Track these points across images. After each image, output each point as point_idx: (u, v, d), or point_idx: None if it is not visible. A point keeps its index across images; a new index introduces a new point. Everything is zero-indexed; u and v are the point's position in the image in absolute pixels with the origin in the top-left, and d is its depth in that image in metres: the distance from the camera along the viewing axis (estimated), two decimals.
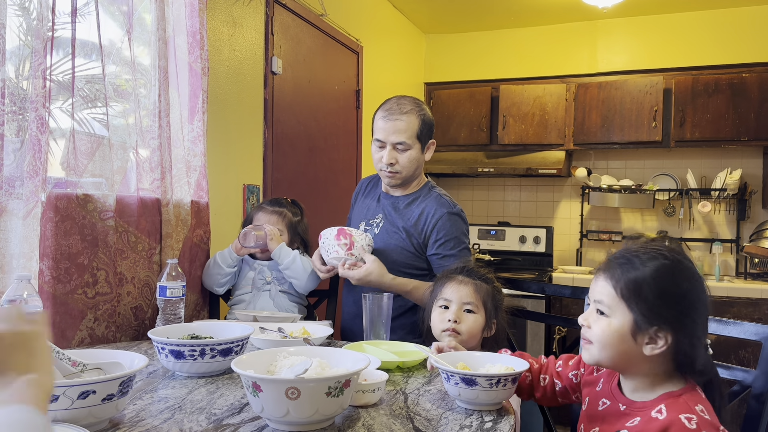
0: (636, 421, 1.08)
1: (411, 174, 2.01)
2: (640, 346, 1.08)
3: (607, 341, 1.10)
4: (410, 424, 1.10)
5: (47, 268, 1.63)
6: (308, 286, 2.12)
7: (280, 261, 2.08)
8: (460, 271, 1.68)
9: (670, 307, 1.07)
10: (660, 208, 4.24)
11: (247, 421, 1.09)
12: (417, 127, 1.95)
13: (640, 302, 1.07)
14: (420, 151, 2.00)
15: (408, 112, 1.95)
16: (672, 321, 1.07)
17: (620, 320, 1.09)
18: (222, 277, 2.11)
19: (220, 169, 2.44)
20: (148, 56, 2.02)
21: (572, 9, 4.00)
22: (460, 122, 4.39)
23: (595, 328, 1.12)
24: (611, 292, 1.10)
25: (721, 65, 3.91)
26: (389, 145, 1.95)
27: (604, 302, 1.11)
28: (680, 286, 1.09)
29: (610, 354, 1.11)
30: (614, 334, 1.09)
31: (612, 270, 1.12)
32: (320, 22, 3.14)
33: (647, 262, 1.09)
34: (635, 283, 1.08)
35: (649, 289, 1.07)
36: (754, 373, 1.33)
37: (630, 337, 1.08)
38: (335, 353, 1.22)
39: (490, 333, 1.64)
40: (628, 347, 1.09)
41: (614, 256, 1.15)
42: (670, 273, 1.09)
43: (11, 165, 1.58)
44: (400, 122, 1.94)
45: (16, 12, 1.65)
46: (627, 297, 1.08)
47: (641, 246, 1.13)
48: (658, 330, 1.07)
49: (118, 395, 1.04)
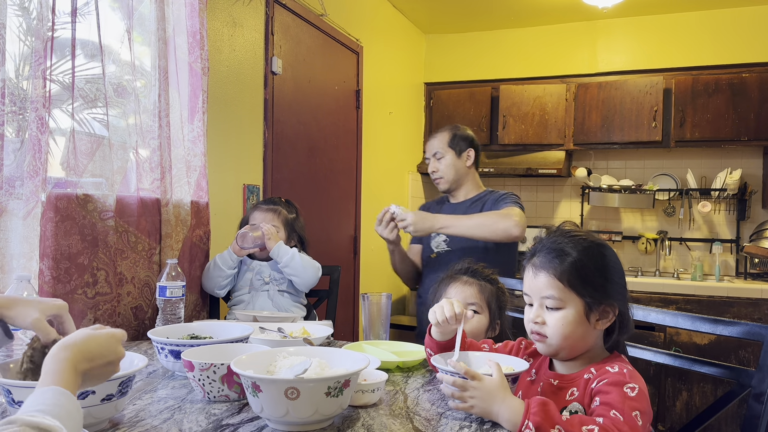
0: (574, 391, 1.16)
1: (453, 177, 2.44)
2: (593, 325, 1.17)
3: (567, 332, 1.16)
4: (410, 424, 1.10)
5: (47, 268, 1.63)
6: (309, 282, 2.12)
7: (279, 259, 2.09)
8: (465, 272, 1.68)
9: (610, 281, 1.17)
10: (660, 208, 4.24)
11: (247, 421, 1.09)
12: (448, 138, 2.44)
13: (587, 286, 1.15)
14: (455, 157, 2.43)
15: (441, 131, 2.49)
16: (614, 293, 1.17)
17: (573, 308, 1.16)
18: (223, 279, 2.11)
19: (220, 169, 2.44)
20: (148, 56, 2.02)
21: (572, 9, 4.00)
22: (460, 122, 4.32)
23: (550, 323, 1.18)
24: (557, 284, 1.16)
25: (721, 65, 3.91)
26: (431, 157, 2.46)
27: (554, 296, 1.17)
28: (609, 260, 1.19)
29: (570, 342, 1.17)
30: (571, 323, 1.16)
31: (549, 264, 1.18)
32: (320, 22, 3.14)
33: (577, 249, 1.17)
34: (578, 271, 1.16)
35: (590, 272, 1.16)
36: (754, 373, 1.33)
37: (585, 320, 1.16)
38: (335, 353, 1.22)
39: (494, 333, 1.65)
40: (584, 329, 1.17)
41: (541, 252, 1.20)
42: (597, 251, 1.18)
43: (11, 165, 1.58)
44: (434, 139, 2.48)
45: (16, 12, 1.65)
46: (574, 285, 1.15)
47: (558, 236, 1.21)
48: (606, 306, 1.17)
49: (117, 395, 1.04)
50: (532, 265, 1.21)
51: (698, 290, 3.57)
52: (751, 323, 1.40)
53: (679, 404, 3.51)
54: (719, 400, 1.42)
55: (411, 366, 1.52)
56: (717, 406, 1.42)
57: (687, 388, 3.51)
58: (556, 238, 1.21)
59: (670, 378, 3.51)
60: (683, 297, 3.58)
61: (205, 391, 1.20)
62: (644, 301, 3.57)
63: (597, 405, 1.07)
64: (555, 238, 1.21)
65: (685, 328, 1.52)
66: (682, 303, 3.56)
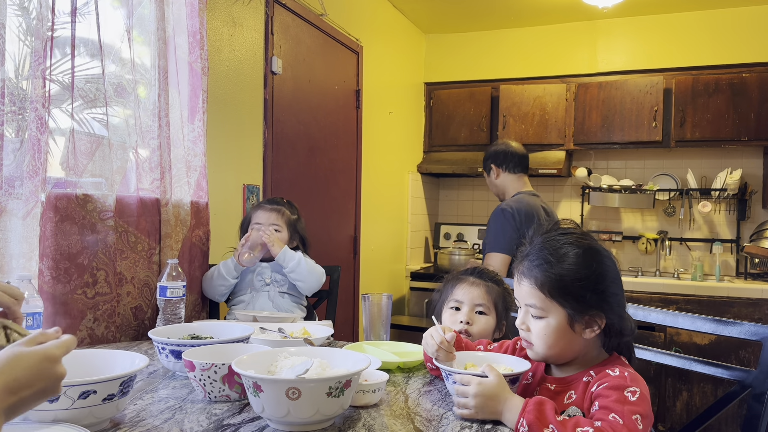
0: (572, 394, 1.15)
1: (498, 193, 2.89)
2: (579, 333, 1.15)
3: (550, 340, 1.16)
4: (411, 425, 1.10)
5: (47, 268, 1.63)
6: (313, 287, 2.13)
7: (285, 264, 2.08)
8: (471, 273, 1.68)
9: (595, 293, 1.13)
10: (660, 208, 4.24)
11: (248, 422, 1.09)
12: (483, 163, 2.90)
13: (569, 297, 1.13)
14: (490, 176, 2.87)
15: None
16: (600, 304, 1.14)
17: (556, 318, 1.15)
18: (225, 288, 2.11)
19: (220, 169, 2.43)
20: (148, 56, 2.02)
21: (572, 9, 4.00)
22: (460, 122, 4.39)
23: (534, 331, 1.17)
24: (539, 294, 1.15)
25: (721, 65, 3.91)
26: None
27: (536, 305, 1.16)
28: (597, 269, 1.14)
29: (556, 350, 1.16)
30: (554, 333, 1.15)
31: (532, 273, 1.16)
32: (320, 22, 3.14)
33: (562, 257, 1.14)
34: (558, 282, 1.13)
35: (572, 283, 1.13)
36: (754, 373, 1.33)
37: (569, 329, 1.15)
38: (336, 353, 1.22)
39: (500, 334, 1.65)
40: (570, 338, 1.15)
41: (529, 257, 1.18)
42: (584, 260, 1.14)
43: (11, 165, 1.58)
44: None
45: (15, 12, 1.65)
46: (555, 296, 1.14)
47: (550, 239, 1.18)
48: (591, 316, 1.14)
49: (118, 395, 1.04)
50: (519, 272, 1.20)
51: (698, 290, 3.57)
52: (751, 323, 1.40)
53: (679, 404, 3.51)
54: (719, 401, 1.42)
55: (412, 366, 1.52)
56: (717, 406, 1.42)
57: (687, 388, 3.50)
58: (548, 241, 1.18)
59: (670, 378, 3.51)
60: (683, 297, 3.58)
61: (206, 391, 1.19)
62: (644, 301, 3.57)
63: (596, 409, 1.06)
64: (547, 240, 1.18)
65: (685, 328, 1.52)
66: (683, 303, 3.56)
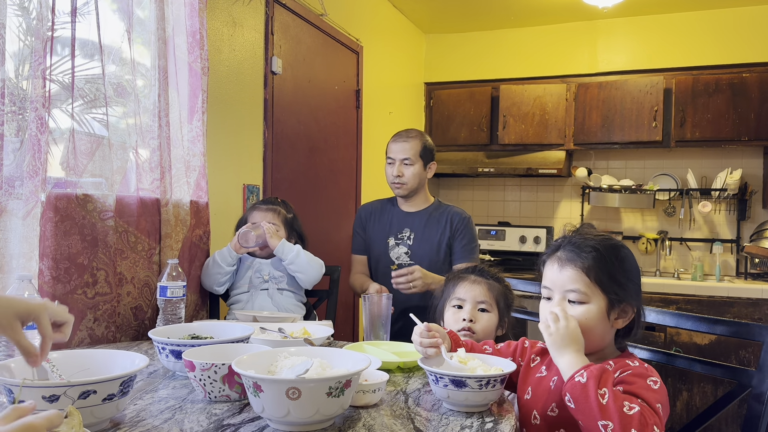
0: None
1: (415, 186, 2.42)
2: (612, 322, 1.21)
3: (590, 325, 1.18)
4: (411, 425, 1.10)
5: (47, 268, 1.63)
6: (313, 279, 2.14)
7: (284, 256, 2.09)
8: (472, 271, 1.70)
9: (632, 282, 1.22)
10: (660, 208, 4.24)
11: (248, 422, 1.09)
12: (419, 148, 2.41)
13: (612, 283, 1.19)
14: (422, 168, 2.43)
15: (413, 137, 2.43)
16: (634, 294, 1.22)
17: (598, 304, 1.19)
18: (222, 276, 2.11)
19: (220, 169, 2.43)
20: (147, 56, 2.02)
21: (572, 9, 4.00)
22: (460, 122, 4.39)
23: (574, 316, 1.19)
24: (584, 279, 1.19)
25: (721, 65, 3.91)
26: (398, 161, 2.41)
27: (579, 290, 1.19)
28: (632, 262, 1.24)
29: (590, 337, 1.18)
30: (595, 318, 1.19)
31: (576, 259, 1.20)
32: (320, 22, 3.14)
33: (610, 248, 1.20)
34: (604, 267, 1.19)
35: (616, 270, 1.19)
36: (754, 373, 1.33)
37: (605, 317, 1.19)
38: (336, 353, 1.22)
39: (502, 331, 1.66)
40: (604, 326, 1.20)
41: (566, 247, 1.23)
42: (623, 253, 1.23)
43: (11, 165, 1.58)
44: (406, 143, 2.41)
45: (15, 12, 1.65)
46: (600, 281, 1.18)
47: (582, 235, 1.24)
48: (626, 304, 1.20)
49: (118, 395, 1.04)
50: (558, 259, 1.23)
51: (698, 290, 3.57)
52: (751, 323, 1.40)
53: (679, 404, 3.51)
54: (719, 401, 1.42)
55: (412, 366, 1.52)
56: (717, 406, 1.43)
57: (687, 388, 3.50)
58: (580, 236, 1.24)
59: (671, 378, 3.51)
60: (683, 297, 3.58)
61: (206, 391, 1.19)
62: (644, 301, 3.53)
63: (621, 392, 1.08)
64: (578, 235, 1.24)
65: (685, 328, 1.52)
66: (683, 303, 3.56)
